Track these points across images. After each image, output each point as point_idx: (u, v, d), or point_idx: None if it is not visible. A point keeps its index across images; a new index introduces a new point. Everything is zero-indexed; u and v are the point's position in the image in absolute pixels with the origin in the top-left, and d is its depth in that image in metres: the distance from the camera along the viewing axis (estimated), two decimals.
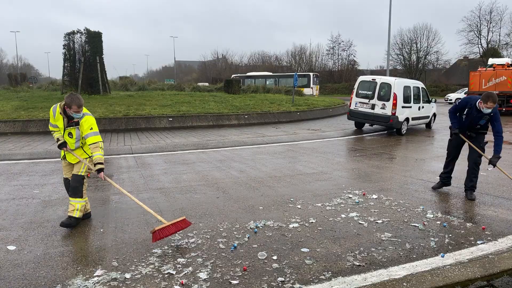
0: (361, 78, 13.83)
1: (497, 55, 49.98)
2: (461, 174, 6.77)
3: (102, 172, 4.21)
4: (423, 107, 13.70)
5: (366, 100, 13.02)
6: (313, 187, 6.01)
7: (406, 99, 12.64)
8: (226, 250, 3.70)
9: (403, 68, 59.83)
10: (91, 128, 4.25)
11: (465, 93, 31.69)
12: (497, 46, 51.38)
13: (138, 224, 4.41)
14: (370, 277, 3.13)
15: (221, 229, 4.25)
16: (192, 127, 14.31)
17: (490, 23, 49.93)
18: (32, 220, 4.54)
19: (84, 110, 4.32)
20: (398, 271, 3.20)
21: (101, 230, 4.23)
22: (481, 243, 3.83)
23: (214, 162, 8.04)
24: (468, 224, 4.38)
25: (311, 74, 40.35)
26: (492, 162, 5.33)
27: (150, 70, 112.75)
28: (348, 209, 4.92)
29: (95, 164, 4.21)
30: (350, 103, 13.67)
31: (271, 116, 16.63)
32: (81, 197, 4.34)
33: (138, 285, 3.05)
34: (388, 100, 12.37)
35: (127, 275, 3.20)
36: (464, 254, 3.56)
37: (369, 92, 13.02)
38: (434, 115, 15.17)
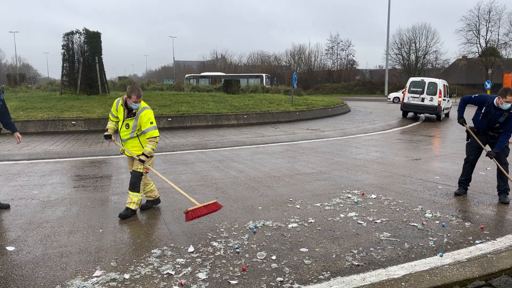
0: (412, 79, 18.55)
1: (496, 54, 50.06)
2: (460, 173, 6.79)
3: (143, 164, 4.56)
4: (448, 100, 19.21)
5: (417, 95, 17.46)
6: (312, 187, 6.01)
7: (444, 94, 17.47)
8: (225, 250, 3.70)
9: (402, 67, 59.89)
10: (151, 122, 4.50)
11: (402, 92, 33.65)
12: (495, 45, 51.44)
13: (137, 225, 4.41)
14: (369, 276, 3.14)
15: (220, 229, 4.25)
16: (191, 127, 14.31)
17: (489, 22, 50.00)
18: (31, 220, 4.54)
19: (144, 104, 4.59)
20: (397, 271, 3.21)
21: (100, 230, 4.23)
22: (480, 243, 3.84)
23: (213, 162, 8.05)
24: (466, 223, 4.39)
25: (264, 75, 42.55)
26: (489, 154, 5.27)
27: (149, 70, 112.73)
28: (347, 209, 4.93)
29: (142, 154, 4.53)
30: (403, 98, 18.19)
31: (270, 116, 16.63)
32: (138, 191, 4.64)
33: (137, 285, 3.05)
34: (435, 94, 17.00)
35: (126, 276, 3.20)
36: (463, 254, 3.56)
37: (419, 89, 17.46)
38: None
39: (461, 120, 5.60)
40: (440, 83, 17.39)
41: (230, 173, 6.97)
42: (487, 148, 5.47)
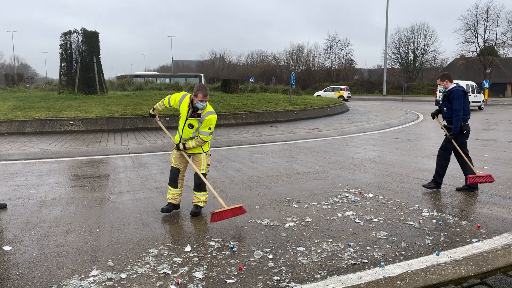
0: None
1: (494, 53, 50.16)
2: (457, 173, 6.80)
3: (177, 149, 4.64)
4: (476, 96, 25.01)
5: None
6: (309, 186, 6.02)
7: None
8: (222, 250, 3.70)
9: (400, 67, 60.00)
10: (209, 128, 4.51)
11: (334, 91, 37.06)
12: (494, 44, 51.57)
13: (134, 224, 4.41)
14: (365, 275, 3.14)
15: (217, 228, 4.25)
16: None
17: (487, 21, 50.12)
18: (28, 220, 4.53)
19: (210, 107, 4.55)
20: (393, 269, 3.21)
21: (97, 230, 4.23)
22: (476, 241, 3.85)
23: (211, 161, 8.04)
24: (463, 222, 4.40)
25: (202, 75, 43.60)
26: (447, 138, 5.64)
27: (147, 70, 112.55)
28: (344, 208, 4.93)
29: (183, 144, 4.57)
30: (436, 96, 23.35)
31: (268, 115, 16.64)
32: (205, 191, 4.72)
33: (134, 285, 3.05)
34: None
35: (123, 275, 3.20)
36: (459, 252, 3.57)
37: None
38: (483, 101, 26.93)
39: (432, 115, 6.17)
40: (463, 83, 22.29)
41: (228, 173, 6.97)
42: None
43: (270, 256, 3.54)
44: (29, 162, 7.99)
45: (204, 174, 4.69)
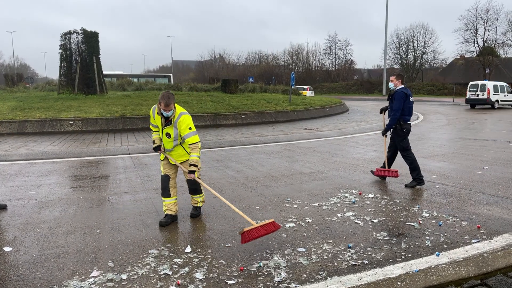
0: (471, 82, 26.98)
1: (494, 54, 50.18)
2: (457, 173, 6.81)
3: (194, 174, 4.30)
4: (506, 95, 26.25)
5: (474, 93, 25.79)
6: (309, 187, 6.02)
7: (495, 90, 25.31)
8: (222, 250, 3.70)
9: (400, 67, 60.03)
10: (190, 128, 4.30)
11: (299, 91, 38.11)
12: (493, 44, 51.58)
13: (135, 225, 4.41)
14: (366, 276, 3.15)
15: (218, 229, 4.25)
16: None
17: (487, 22, 50.15)
18: (28, 221, 4.54)
19: (181, 109, 4.38)
20: (394, 270, 3.22)
21: (98, 231, 4.23)
22: (476, 242, 3.85)
23: (211, 162, 8.05)
24: (463, 223, 4.40)
25: (171, 75, 44.19)
26: (382, 133, 6.29)
27: (147, 70, 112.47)
28: (345, 209, 4.94)
29: (190, 165, 4.30)
30: (467, 94, 26.48)
31: (268, 115, 16.64)
32: (201, 192, 4.68)
33: (134, 285, 3.06)
34: (485, 91, 25.02)
35: (123, 276, 3.20)
36: (459, 253, 3.58)
37: (474, 89, 25.80)
38: None
39: (381, 110, 6.67)
40: (490, 84, 25.28)
41: (227, 173, 6.98)
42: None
43: (270, 257, 3.54)
44: (29, 163, 7.99)
45: (198, 177, 4.49)
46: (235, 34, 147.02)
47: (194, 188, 4.56)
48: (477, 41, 51.11)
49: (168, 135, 4.39)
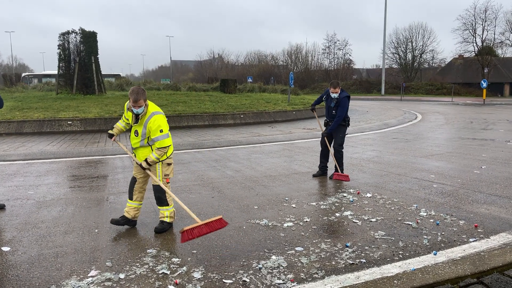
0: None
1: (492, 53, 50.25)
2: (455, 172, 6.83)
3: (142, 165, 4.10)
4: None
5: None
6: (308, 186, 6.03)
7: None
8: (220, 250, 3.71)
9: (399, 66, 60.09)
10: (161, 131, 4.00)
11: None
12: (492, 44, 51.64)
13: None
14: (363, 275, 3.16)
15: None
16: (187, 126, 14.31)
17: (485, 21, 50.16)
18: (27, 221, 4.54)
19: (154, 108, 4.09)
20: (391, 269, 3.23)
21: (96, 230, 4.24)
22: (474, 241, 3.87)
23: (209, 161, 8.06)
24: (461, 221, 4.42)
25: (120, 74, 44.57)
26: (322, 133, 6.62)
27: (146, 70, 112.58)
28: (343, 208, 4.95)
29: (145, 160, 4.07)
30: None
31: (266, 115, 16.65)
32: (167, 204, 4.21)
33: (133, 285, 3.06)
34: None
35: (121, 275, 3.21)
36: (457, 252, 3.59)
37: None
38: None
39: (312, 108, 7.18)
40: None
41: (226, 173, 6.99)
42: (323, 128, 6.77)
43: (269, 256, 3.55)
44: (27, 163, 7.98)
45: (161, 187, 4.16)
46: (233, 33, 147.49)
47: (158, 196, 4.20)
48: (475, 40, 51.19)
49: (136, 133, 4.13)
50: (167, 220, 4.23)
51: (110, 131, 4.42)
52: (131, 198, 4.31)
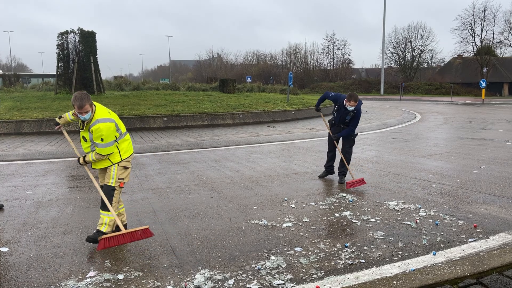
0: None
1: (491, 53, 50.30)
2: (454, 172, 6.83)
3: (79, 161, 3.92)
4: None
5: None
6: (307, 186, 6.03)
7: None
8: (219, 250, 3.70)
9: (398, 66, 60.12)
10: (102, 139, 3.74)
11: None
12: (491, 44, 51.68)
13: (131, 225, 4.40)
14: (362, 275, 3.15)
15: (215, 229, 4.25)
16: (186, 126, 14.29)
17: (484, 21, 50.19)
18: (25, 221, 4.53)
19: (101, 114, 3.81)
20: (390, 269, 3.23)
21: (95, 231, 4.22)
22: (473, 241, 3.87)
23: (208, 161, 8.05)
24: (460, 222, 4.42)
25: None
26: (333, 136, 6.50)
27: (145, 70, 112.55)
28: (342, 208, 4.95)
29: (84, 156, 3.89)
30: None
31: (266, 115, 16.64)
32: (109, 211, 3.88)
33: (131, 286, 3.05)
34: None
35: (120, 276, 3.20)
36: (456, 252, 3.59)
37: None
38: None
39: (317, 109, 6.88)
40: None
41: (225, 173, 6.98)
42: (334, 132, 6.56)
43: (268, 256, 3.54)
44: (26, 163, 7.97)
45: (113, 189, 3.90)
46: (230, 33, 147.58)
47: (106, 198, 3.89)
48: (474, 40, 51.22)
49: (84, 138, 3.92)
50: (104, 229, 3.85)
51: (57, 119, 4.11)
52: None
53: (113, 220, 3.90)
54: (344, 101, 6.08)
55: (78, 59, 19.56)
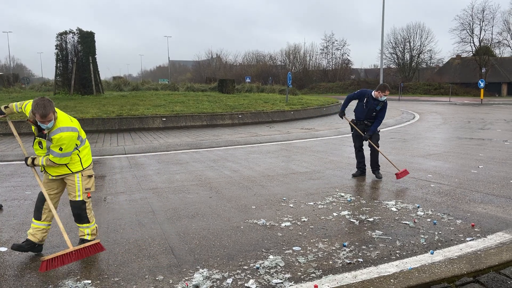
0: None
1: (490, 53, 50.39)
2: (452, 172, 6.85)
3: (25, 161, 3.62)
4: None
5: None
6: (305, 186, 6.04)
7: None
8: (218, 250, 3.71)
9: (396, 66, 60.20)
10: (60, 149, 3.42)
11: None
12: (489, 44, 51.80)
13: (131, 225, 4.42)
14: (360, 274, 3.17)
15: (214, 229, 4.26)
16: (185, 127, 14.30)
17: (483, 21, 50.35)
18: (24, 221, 4.53)
19: (63, 122, 3.49)
20: (388, 268, 3.24)
21: (97, 235, 4.22)
22: (470, 240, 3.88)
23: (207, 162, 8.06)
24: (458, 221, 4.43)
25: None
26: (364, 138, 6.53)
27: (144, 70, 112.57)
28: (340, 208, 4.96)
29: (32, 158, 3.57)
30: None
31: (264, 115, 16.65)
32: (88, 222, 3.71)
33: (130, 285, 3.06)
34: None
35: (119, 276, 3.21)
36: (453, 251, 3.60)
37: None
38: None
39: (341, 114, 6.94)
40: None
41: (224, 173, 6.99)
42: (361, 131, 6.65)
43: (266, 256, 3.55)
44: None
45: (82, 202, 3.64)
46: (229, 33, 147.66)
47: (77, 213, 3.66)
48: (473, 40, 51.34)
49: (40, 144, 3.57)
50: (89, 238, 3.73)
51: (2, 108, 3.82)
52: (38, 218, 3.65)
53: (95, 228, 3.79)
54: (374, 93, 6.45)
55: (77, 59, 19.56)
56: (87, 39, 19.60)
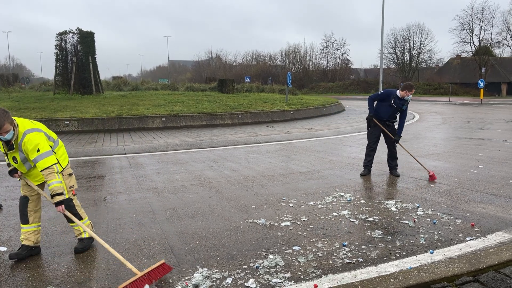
0: None
1: (489, 53, 50.41)
2: (452, 172, 6.85)
3: (62, 206, 3.42)
4: None
5: None
6: (305, 186, 6.04)
7: None
8: (218, 250, 3.71)
9: (396, 66, 60.21)
10: (38, 150, 3.29)
11: None
12: (489, 44, 51.80)
13: (130, 225, 4.42)
14: (360, 274, 3.17)
15: (213, 228, 4.26)
16: (185, 126, 14.30)
17: (482, 21, 50.31)
18: None
19: (26, 125, 3.37)
20: (388, 268, 3.24)
21: (93, 230, 4.22)
22: (470, 240, 3.88)
23: (207, 161, 8.06)
24: (457, 221, 4.43)
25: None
26: (395, 140, 6.67)
27: (144, 70, 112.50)
28: (340, 207, 4.96)
29: (52, 196, 3.37)
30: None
31: (264, 115, 16.65)
32: (80, 218, 3.70)
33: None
34: None
35: (119, 276, 3.20)
36: (453, 251, 3.61)
37: None
38: None
39: (372, 116, 6.71)
40: None
41: (224, 173, 6.99)
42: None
43: (266, 255, 3.55)
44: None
45: (70, 200, 3.64)
46: (227, 33, 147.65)
47: (67, 215, 3.60)
48: (473, 40, 51.32)
49: (14, 159, 3.47)
50: (87, 235, 3.69)
51: (10, 168, 3.68)
52: (26, 221, 3.60)
53: (89, 223, 3.83)
54: (399, 92, 6.45)
55: (77, 59, 19.55)
56: (86, 39, 19.60)
